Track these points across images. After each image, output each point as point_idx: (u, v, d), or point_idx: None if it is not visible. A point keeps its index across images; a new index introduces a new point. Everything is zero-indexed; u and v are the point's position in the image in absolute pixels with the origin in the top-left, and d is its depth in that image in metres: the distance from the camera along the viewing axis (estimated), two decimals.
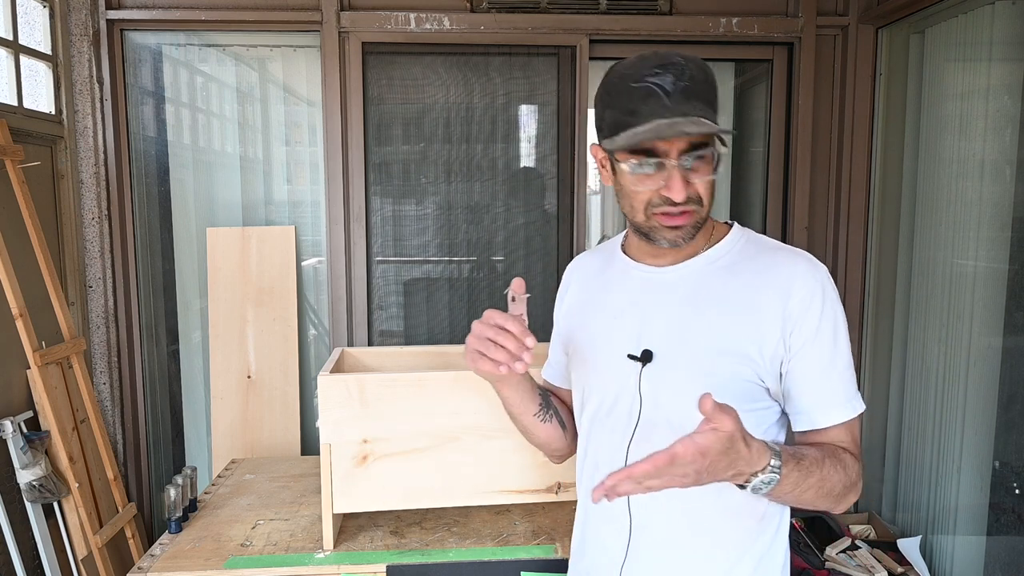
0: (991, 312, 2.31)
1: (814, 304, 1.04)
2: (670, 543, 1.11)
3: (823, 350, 1.04)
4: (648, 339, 1.10)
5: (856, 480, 1.04)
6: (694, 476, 0.85)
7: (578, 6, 2.75)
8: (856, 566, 2.51)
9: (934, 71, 2.59)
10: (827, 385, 1.05)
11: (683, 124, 0.96)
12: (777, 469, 0.91)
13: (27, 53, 2.40)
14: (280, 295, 2.82)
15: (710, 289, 1.09)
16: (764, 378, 1.05)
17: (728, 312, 1.06)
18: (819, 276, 1.06)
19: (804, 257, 1.09)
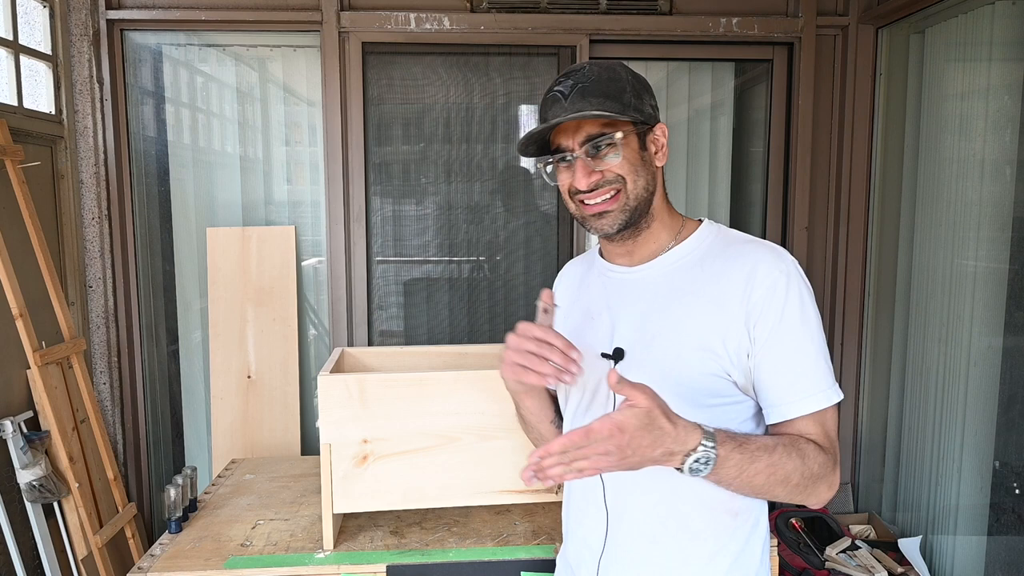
0: (991, 312, 2.31)
1: (777, 293, 1.03)
2: (646, 536, 1.12)
3: (788, 339, 1.03)
4: (619, 338, 1.13)
5: (822, 472, 1.01)
6: (617, 454, 0.85)
7: (578, 6, 2.75)
8: (856, 566, 2.51)
9: (934, 71, 2.59)
10: (794, 375, 1.03)
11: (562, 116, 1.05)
12: (710, 449, 0.91)
13: (27, 53, 2.40)
14: (280, 295, 2.82)
15: (677, 285, 1.10)
16: (730, 372, 1.05)
17: (693, 307, 1.07)
18: (783, 265, 1.05)
19: (768, 247, 1.08)
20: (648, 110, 1.11)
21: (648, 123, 1.11)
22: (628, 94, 1.08)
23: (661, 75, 3.06)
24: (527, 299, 2.97)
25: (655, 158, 1.12)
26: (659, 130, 1.12)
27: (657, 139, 1.12)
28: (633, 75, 1.12)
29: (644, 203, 1.11)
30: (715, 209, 3.11)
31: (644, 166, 1.10)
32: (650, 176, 1.11)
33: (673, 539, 1.10)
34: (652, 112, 1.12)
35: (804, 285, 1.06)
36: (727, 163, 3.10)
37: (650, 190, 1.11)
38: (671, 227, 1.15)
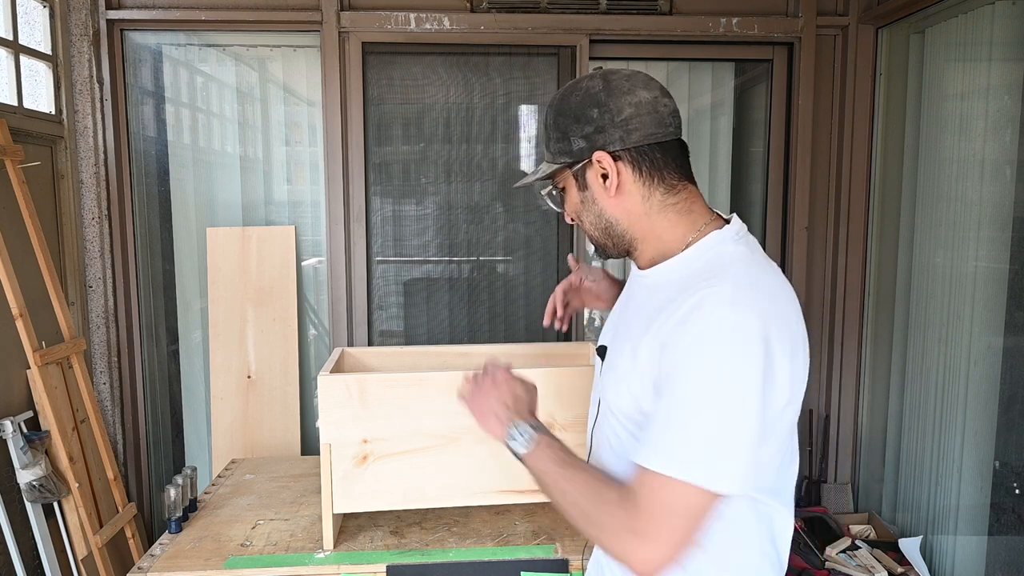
0: (991, 312, 2.31)
1: (681, 340, 0.92)
2: None
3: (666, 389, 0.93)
4: (605, 335, 1.18)
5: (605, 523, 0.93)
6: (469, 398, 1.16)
7: (578, 6, 2.75)
8: (856, 566, 2.51)
9: (934, 71, 2.59)
10: (655, 427, 0.93)
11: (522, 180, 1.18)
12: (522, 436, 1.05)
13: (27, 53, 2.40)
14: (280, 295, 2.82)
15: (652, 298, 1.04)
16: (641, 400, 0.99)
17: (645, 328, 1.00)
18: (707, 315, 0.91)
19: (728, 289, 0.94)
20: (577, 144, 1.04)
21: (578, 160, 1.04)
22: (552, 140, 1.08)
23: (661, 75, 3.06)
24: (527, 299, 2.97)
25: (604, 191, 1.04)
26: (598, 158, 1.03)
27: (600, 170, 1.04)
28: (559, 110, 1.06)
29: (607, 235, 1.09)
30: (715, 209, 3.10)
31: (588, 204, 1.08)
32: (597, 211, 1.07)
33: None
34: (584, 144, 1.03)
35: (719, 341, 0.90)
36: (727, 163, 3.10)
37: (603, 225, 1.07)
38: (669, 240, 1.06)
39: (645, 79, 1.05)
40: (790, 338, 0.93)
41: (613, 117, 1.02)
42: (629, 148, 1.02)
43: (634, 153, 1.03)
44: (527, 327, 2.96)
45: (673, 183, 1.05)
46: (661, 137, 1.03)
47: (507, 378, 1.15)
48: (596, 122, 1.02)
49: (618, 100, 1.02)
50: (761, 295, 0.94)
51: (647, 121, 1.02)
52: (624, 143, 1.02)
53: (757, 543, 1.02)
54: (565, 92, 1.07)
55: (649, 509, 0.89)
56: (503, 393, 1.12)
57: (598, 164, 1.03)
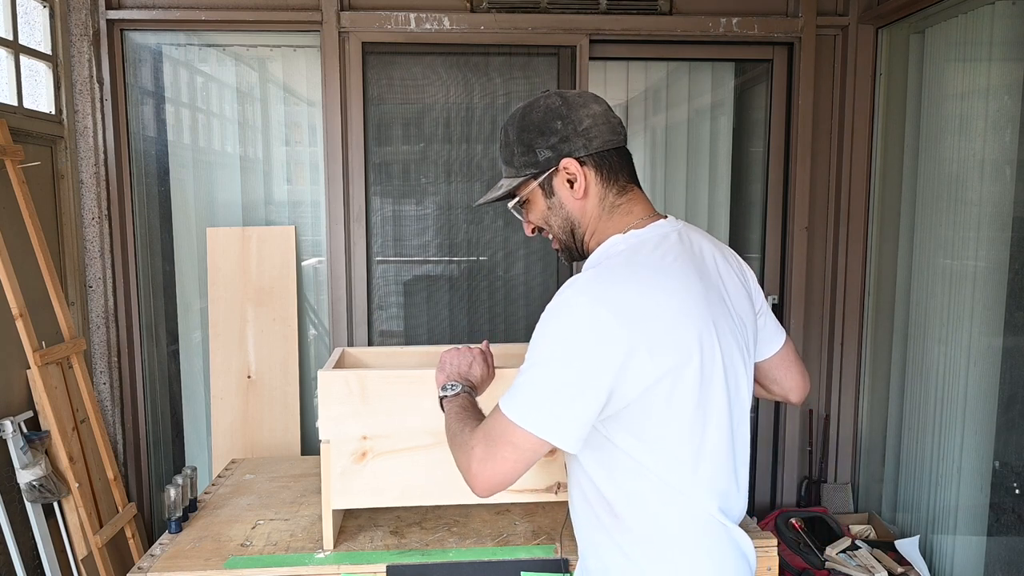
0: (991, 312, 2.31)
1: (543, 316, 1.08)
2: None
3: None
4: None
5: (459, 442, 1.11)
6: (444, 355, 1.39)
7: (578, 6, 2.75)
8: (856, 566, 2.51)
9: (934, 71, 2.59)
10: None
11: (481, 199, 1.30)
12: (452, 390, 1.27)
13: (27, 53, 2.40)
14: (280, 295, 2.82)
15: None
16: None
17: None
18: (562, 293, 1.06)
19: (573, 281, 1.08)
20: (544, 155, 1.15)
21: (545, 169, 1.16)
22: (517, 155, 1.18)
23: (661, 75, 3.06)
24: (527, 299, 2.97)
25: (571, 194, 1.16)
26: (565, 165, 1.14)
27: (566, 176, 1.15)
28: (522, 126, 1.17)
29: (571, 237, 1.20)
30: (715, 209, 3.11)
31: (555, 210, 1.19)
32: (564, 215, 1.18)
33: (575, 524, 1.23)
34: (551, 154, 1.15)
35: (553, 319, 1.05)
36: (727, 163, 3.10)
37: (569, 227, 1.19)
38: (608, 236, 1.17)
39: (593, 96, 1.18)
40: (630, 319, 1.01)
41: (576, 127, 1.14)
42: (592, 153, 1.15)
43: (596, 158, 1.15)
44: (527, 327, 2.96)
45: (623, 185, 1.17)
46: (615, 144, 1.16)
47: (475, 354, 1.37)
48: (560, 132, 1.14)
49: (577, 112, 1.15)
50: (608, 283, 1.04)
51: (604, 130, 1.15)
52: (587, 149, 1.14)
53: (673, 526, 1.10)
54: (524, 111, 1.19)
55: (486, 432, 1.07)
56: (463, 360, 1.35)
57: (564, 170, 1.15)
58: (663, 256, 1.09)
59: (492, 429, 1.06)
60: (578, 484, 1.18)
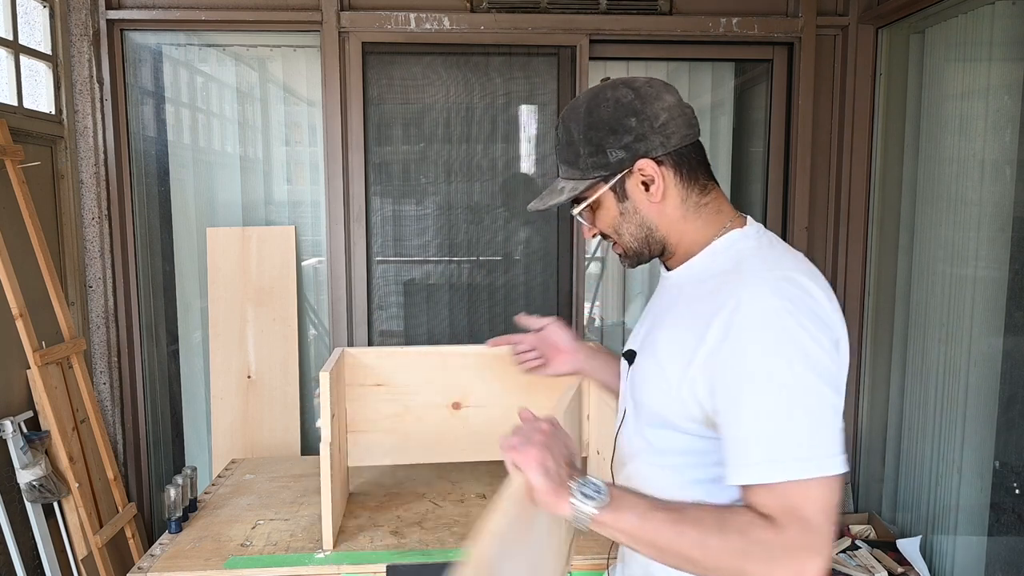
0: (991, 312, 2.31)
1: (732, 344, 0.91)
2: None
3: (735, 397, 0.91)
4: (634, 341, 1.16)
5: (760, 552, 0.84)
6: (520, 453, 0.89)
7: (578, 6, 2.75)
8: (856, 566, 2.51)
9: (934, 71, 2.59)
10: (741, 438, 0.90)
11: (534, 203, 1.13)
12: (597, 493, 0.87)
13: (27, 53, 2.40)
14: (280, 295, 2.82)
15: (679, 300, 1.06)
16: (686, 401, 0.98)
17: (674, 327, 1.03)
18: (760, 304, 0.91)
19: (761, 281, 0.95)
20: (616, 155, 1.03)
21: (617, 171, 1.04)
22: (583, 156, 1.05)
23: (661, 75, 3.06)
24: (527, 299, 2.97)
25: (647, 198, 1.05)
26: (641, 167, 1.03)
27: (641, 178, 1.04)
28: (589, 123, 1.04)
29: (645, 243, 1.09)
30: None
31: (628, 215, 1.07)
32: (639, 220, 1.07)
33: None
34: (624, 155, 1.03)
35: (782, 330, 0.89)
36: (727, 163, 3.09)
37: (644, 233, 1.08)
38: (701, 241, 1.07)
39: (663, 84, 1.06)
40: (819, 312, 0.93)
41: (652, 123, 1.02)
42: (670, 152, 1.04)
43: (675, 157, 1.04)
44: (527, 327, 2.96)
45: (704, 183, 1.08)
46: (693, 138, 1.06)
47: (557, 431, 0.95)
48: (636, 130, 1.02)
49: (652, 106, 1.03)
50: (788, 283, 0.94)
51: (680, 124, 1.04)
52: (665, 148, 1.03)
53: None
54: (590, 105, 1.05)
55: (798, 517, 0.84)
56: (552, 442, 0.92)
57: (640, 172, 1.04)
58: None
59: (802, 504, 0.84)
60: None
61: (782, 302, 0.91)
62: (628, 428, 1.14)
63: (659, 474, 1.06)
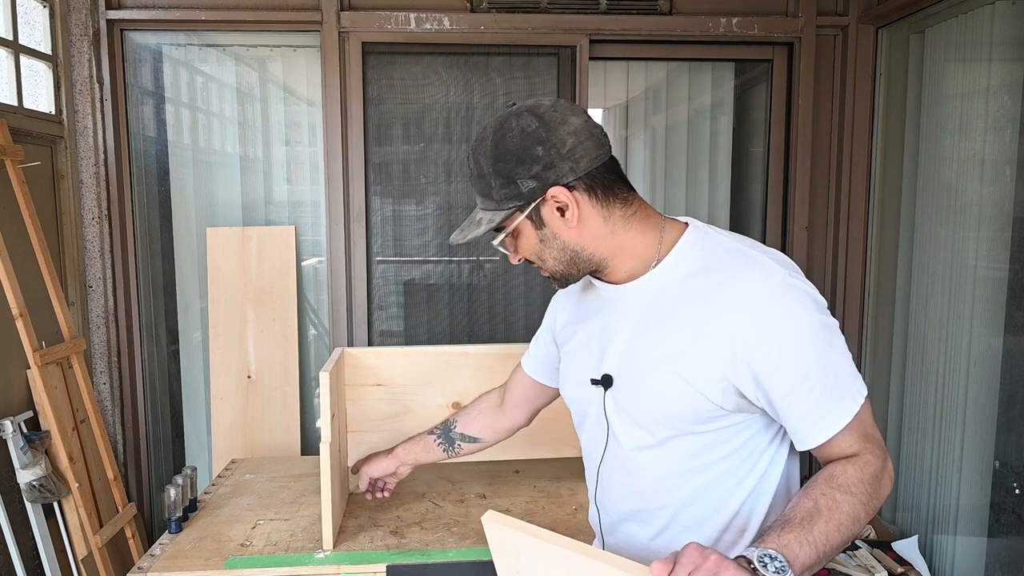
0: (991, 312, 2.30)
1: (768, 321, 0.97)
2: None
3: (791, 370, 0.97)
4: (608, 363, 1.12)
5: (874, 481, 0.96)
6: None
7: (578, 6, 2.75)
8: (856, 566, 2.51)
9: (934, 71, 2.59)
10: (808, 402, 0.98)
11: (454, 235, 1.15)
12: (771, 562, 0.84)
13: (27, 53, 2.40)
14: (280, 295, 2.82)
15: (659, 308, 1.06)
16: (713, 399, 1.01)
17: (672, 332, 1.03)
18: (770, 285, 0.98)
19: (753, 264, 1.01)
20: (527, 185, 1.02)
21: (530, 200, 1.04)
22: (495, 188, 1.05)
23: (661, 75, 3.06)
24: (527, 299, 2.97)
25: (564, 223, 1.05)
26: (553, 195, 1.03)
27: (556, 205, 1.04)
28: (496, 155, 1.03)
29: (572, 264, 1.09)
30: (715, 209, 3.11)
31: (548, 241, 1.07)
32: (560, 245, 1.07)
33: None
34: (535, 184, 1.02)
35: (798, 299, 0.98)
36: (727, 163, 3.10)
37: (568, 256, 1.08)
38: (644, 249, 1.08)
39: (567, 105, 1.06)
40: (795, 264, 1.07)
41: (559, 150, 1.01)
42: (581, 176, 1.03)
43: (587, 180, 1.04)
44: (527, 327, 2.96)
45: (625, 196, 1.07)
46: (604, 157, 1.05)
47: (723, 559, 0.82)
48: (543, 159, 1.01)
49: (558, 132, 1.02)
50: (767, 255, 1.04)
51: (589, 146, 1.03)
52: (575, 173, 1.03)
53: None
54: (496, 136, 1.04)
55: (869, 434, 0.99)
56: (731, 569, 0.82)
57: (553, 200, 1.04)
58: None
59: (867, 424, 1.00)
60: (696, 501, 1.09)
61: (780, 271, 1.00)
62: (618, 451, 1.13)
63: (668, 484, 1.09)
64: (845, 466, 0.97)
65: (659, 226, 1.09)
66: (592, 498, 1.23)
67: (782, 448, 1.10)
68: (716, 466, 1.07)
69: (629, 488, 1.14)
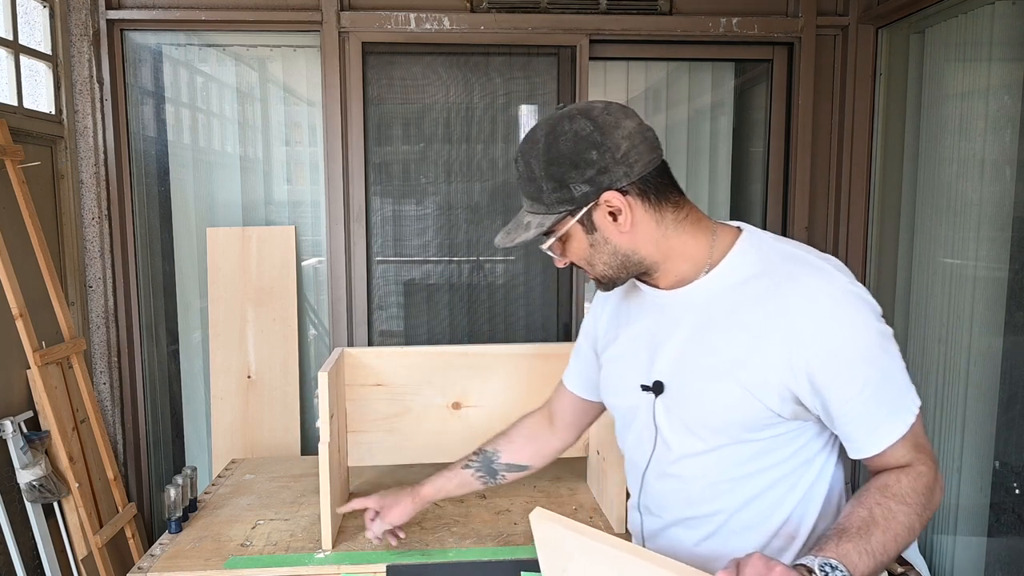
0: (991, 312, 2.31)
1: (829, 328, 0.97)
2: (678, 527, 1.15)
3: (850, 377, 0.97)
4: (659, 369, 1.10)
5: (927, 491, 0.97)
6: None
7: (578, 6, 2.75)
8: None
9: (934, 71, 2.59)
10: (865, 410, 0.98)
11: (500, 238, 1.13)
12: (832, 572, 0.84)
13: (27, 53, 2.40)
14: (280, 295, 2.82)
15: (713, 314, 1.05)
16: (771, 405, 1.01)
17: (729, 338, 1.02)
18: (832, 290, 0.98)
19: (814, 270, 1.01)
20: (580, 190, 1.01)
21: (583, 205, 1.03)
22: (546, 192, 1.03)
23: (661, 75, 3.06)
24: (527, 299, 2.97)
25: (616, 228, 1.04)
26: (607, 199, 1.02)
27: (608, 209, 1.03)
28: (549, 159, 1.02)
29: (621, 268, 1.08)
30: (715, 209, 3.10)
31: (599, 246, 1.06)
32: (611, 250, 1.06)
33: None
34: (588, 188, 1.01)
35: (858, 308, 0.98)
36: (727, 163, 3.09)
37: (618, 260, 1.07)
38: (696, 253, 1.07)
39: (620, 107, 1.05)
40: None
41: (614, 155, 1.00)
42: (634, 181, 1.02)
43: (640, 184, 1.03)
44: (527, 327, 2.96)
45: (676, 200, 1.07)
46: (656, 162, 1.04)
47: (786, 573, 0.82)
48: (598, 164, 1.00)
49: (613, 136, 1.00)
50: (826, 261, 1.05)
51: (642, 150, 1.02)
52: (629, 177, 1.01)
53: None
54: (548, 139, 1.02)
55: (922, 445, 1.00)
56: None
57: (606, 204, 1.03)
58: None
59: (919, 434, 0.99)
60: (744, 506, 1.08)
61: (841, 277, 1.00)
62: (667, 457, 1.12)
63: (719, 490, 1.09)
64: (899, 476, 0.97)
65: (711, 230, 1.08)
66: (636, 504, 1.21)
67: (832, 455, 1.10)
68: (768, 473, 1.06)
69: (678, 494, 1.12)
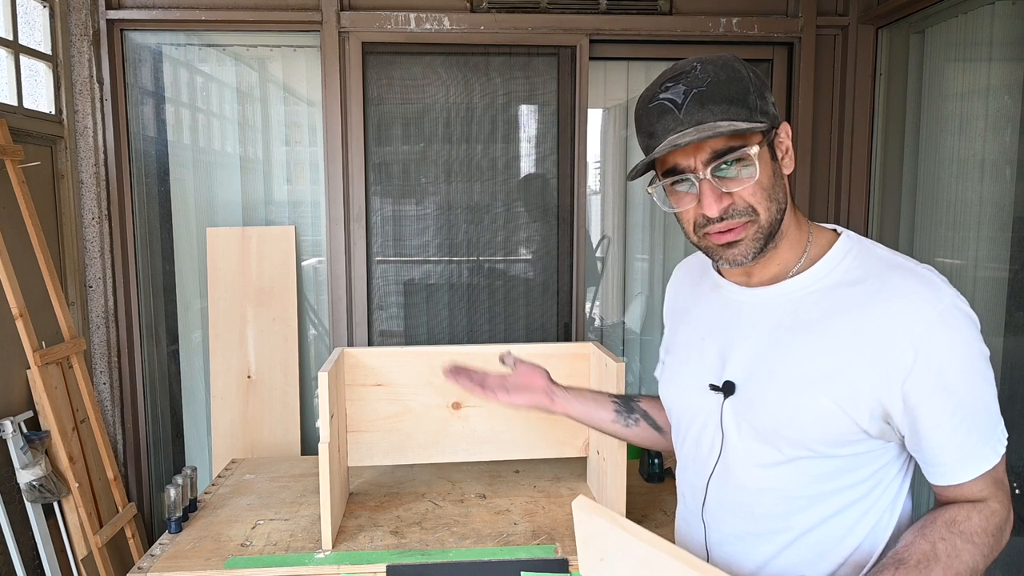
0: (991, 312, 2.30)
1: (932, 343, 0.88)
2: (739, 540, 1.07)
3: (947, 399, 0.90)
4: (732, 369, 1.02)
5: (1001, 524, 0.93)
6: None
7: (578, 6, 2.75)
8: None
9: (934, 71, 2.59)
10: (956, 436, 0.91)
11: (681, 136, 0.90)
12: None
13: (27, 53, 2.40)
14: (280, 295, 2.82)
15: (802, 316, 0.96)
16: (859, 421, 0.93)
17: (819, 345, 0.94)
18: (939, 305, 0.89)
19: (920, 279, 0.91)
20: (773, 111, 0.96)
21: (774, 126, 0.96)
22: (752, 95, 0.93)
23: None
24: (527, 299, 2.97)
25: (783, 166, 0.97)
26: (783, 131, 0.97)
27: (782, 142, 0.97)
28: (752, 71, 0.96)
29: (777, 224, 0.96)
30: None
31: (777, 182, 0.95)
32: (782, 192, 0.96)
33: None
34: (775, 112, 0.96)
35: (964, 326, 0.89)
36: None
37: (783, 209, 0.96)
38: (798, 243, 1.00)
39: None
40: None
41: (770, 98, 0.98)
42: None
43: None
44: (527, 327, 2.96)
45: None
46: None
47: None
48: (773, 98, 0.98)
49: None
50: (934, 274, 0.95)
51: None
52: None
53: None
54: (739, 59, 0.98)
55: (1000, 482, 0.94)
56: None
57: (785, 135, 0.96)
58: None
59: (1000, 469, 0.93)
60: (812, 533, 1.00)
61: (949, 291, 0.91)
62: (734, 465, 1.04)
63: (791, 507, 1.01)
64: (970, 512, 0.92)
65: (807, 229, 1.01)
66: (697, 513, 1.11)
67: (906, 482, 1.02)
68: (844, 494, 0.98)
69: (744, 507, 1.04)
